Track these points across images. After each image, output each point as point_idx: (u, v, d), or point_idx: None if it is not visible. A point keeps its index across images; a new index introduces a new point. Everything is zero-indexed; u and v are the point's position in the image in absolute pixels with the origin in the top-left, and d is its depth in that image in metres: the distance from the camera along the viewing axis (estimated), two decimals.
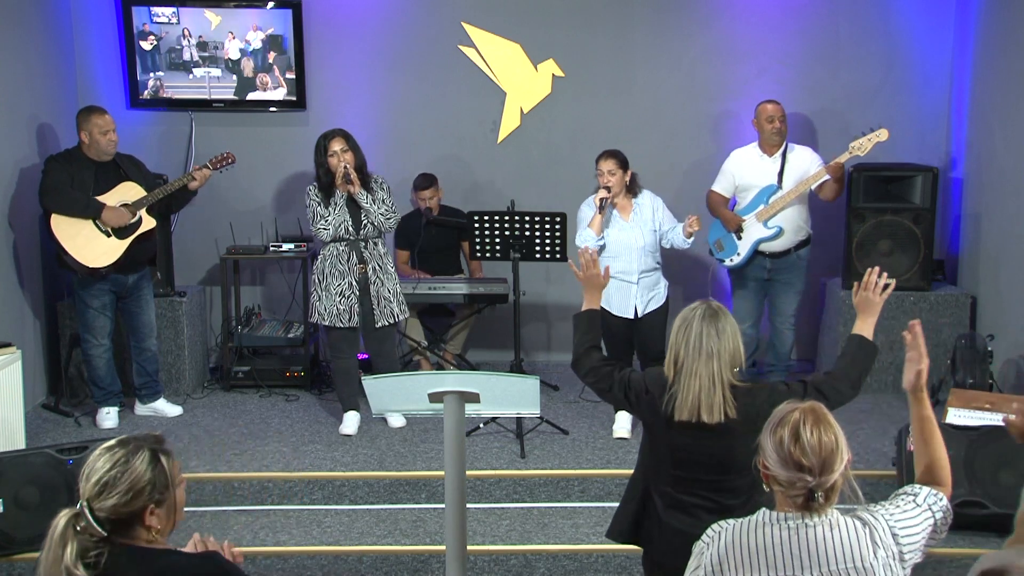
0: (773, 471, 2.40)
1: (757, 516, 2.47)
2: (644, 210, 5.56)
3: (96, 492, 2.29)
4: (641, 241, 5.51)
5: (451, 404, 3.35)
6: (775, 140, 6.02)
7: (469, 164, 6.97)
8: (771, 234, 5.99)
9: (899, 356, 6.22)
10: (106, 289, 5.73)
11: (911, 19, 6.76)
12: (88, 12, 6.74)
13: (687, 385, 3.13)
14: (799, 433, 2.36)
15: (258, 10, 6.71)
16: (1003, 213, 6.08)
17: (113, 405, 5.87)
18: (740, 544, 2.43)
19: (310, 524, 4.89)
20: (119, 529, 2.32)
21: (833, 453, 2.36)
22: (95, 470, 2.31)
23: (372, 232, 5.62)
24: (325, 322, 5.64)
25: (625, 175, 5.52)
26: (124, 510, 2.31)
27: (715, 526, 2.52)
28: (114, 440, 2.39)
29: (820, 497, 2.37)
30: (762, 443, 2.44)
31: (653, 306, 5.55)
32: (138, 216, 5.65)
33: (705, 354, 3.12)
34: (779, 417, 2.43)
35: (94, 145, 5.61)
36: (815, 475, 2.35)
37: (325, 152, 5.55)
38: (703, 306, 3.18)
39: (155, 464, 2.35)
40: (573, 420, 5.89)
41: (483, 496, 5.09)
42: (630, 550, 4.64)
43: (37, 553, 2.32)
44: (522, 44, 6.85)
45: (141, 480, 2.32)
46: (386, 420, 5.81)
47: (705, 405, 3.10)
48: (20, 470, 4.49)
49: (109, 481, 2.30)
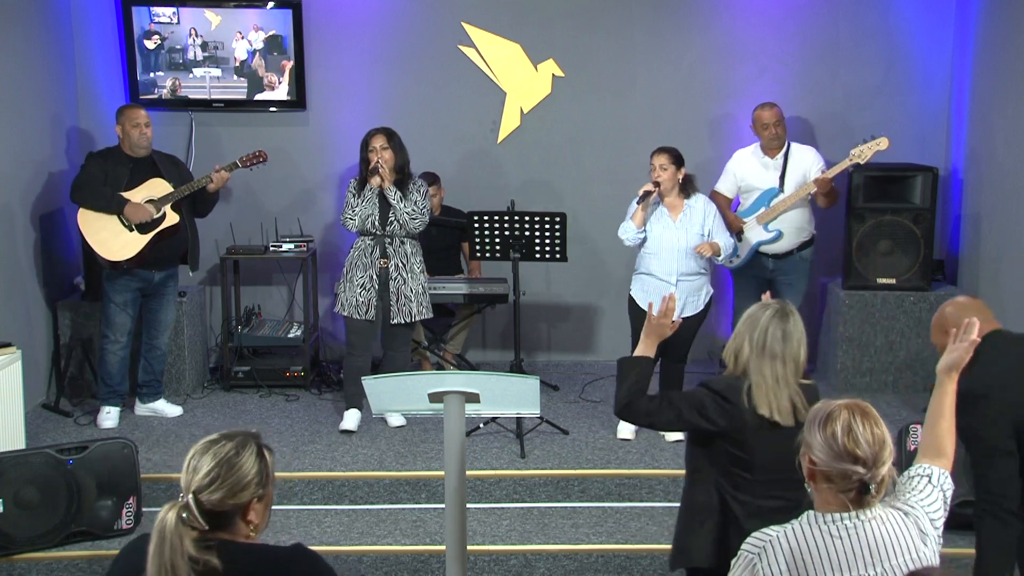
0: (823, 466, 2.40)
1: (806, 520, 2.45)
2: (695, 213, 5.46)
3: (206, 484, 2.29)
4: (684, 243, 5.41)
5: (451, 404, 3.35)
6: (774, 145, 6.04)
7: (469, 164, 6.97)
8: (771, 237, 5.99)
9: (898, 356, 6.27)
10: (131, 286, 5.76)
11: (911, 19, 6.76)
12: (88, 12, 6.74)
13: (756, 383, 3.14)
14: (852, 427, 2.38)
15: (258, 10, 6.71)
16: (1003, 213, 6.08)
17: (115, 405, 5.87)
18: (802, 552, 2.40)
19: (310, 524, 4.89)
20: (220, 523, 2.31)
21: (884, 445, 2.39)
22: (203, 462, 2.31)
23: (399, 230, 5.64)
24: (344, 312, 5.68)
25: (678, 172, 5.44)
26: (230, 503, 2.30)
27: (759, 534, 2.48)
28: (216, 434, 2.39)
29: (873, 489, 2.39)
30: (807, 440, 2.44)
31: (689, 311, 5.44)
32: (162, 212, 5.68)
33: (769, 355, 3.13)
34: (825, 413, 2.43)
35: (126, 139, 5.70)
36: (868, 467, 2.37)
37: (367, 147, 5.65)
38: (775, 306, 3.19)
39: (261, 459, 2.37)
40: (573, 420, 5.89)
41: (483, 496, 5.09)
42: (630, 550, 4.65)
43: (37, 553, 2.32)
44: (522, 44, 6.85)
45: (249, 474, 2.32)
46: (386, 420, 5.81)
47: (775, 406, 3.11)
48: (20, 470, 4.50)
49: (219, 474, 2.30)
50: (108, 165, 5.71)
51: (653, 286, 5.46)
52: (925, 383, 6.21)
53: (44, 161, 6.33)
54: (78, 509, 4.59)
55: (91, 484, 4.62)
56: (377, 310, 5.66)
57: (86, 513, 4.62)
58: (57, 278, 6.41)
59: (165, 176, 5.76)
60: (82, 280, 6.31)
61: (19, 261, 6.03)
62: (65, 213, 6.42)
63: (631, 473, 5.17)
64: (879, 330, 6.34)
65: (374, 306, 5.65)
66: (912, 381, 6.27)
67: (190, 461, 2.34)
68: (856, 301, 6.33)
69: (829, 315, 6.57)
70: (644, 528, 4.82)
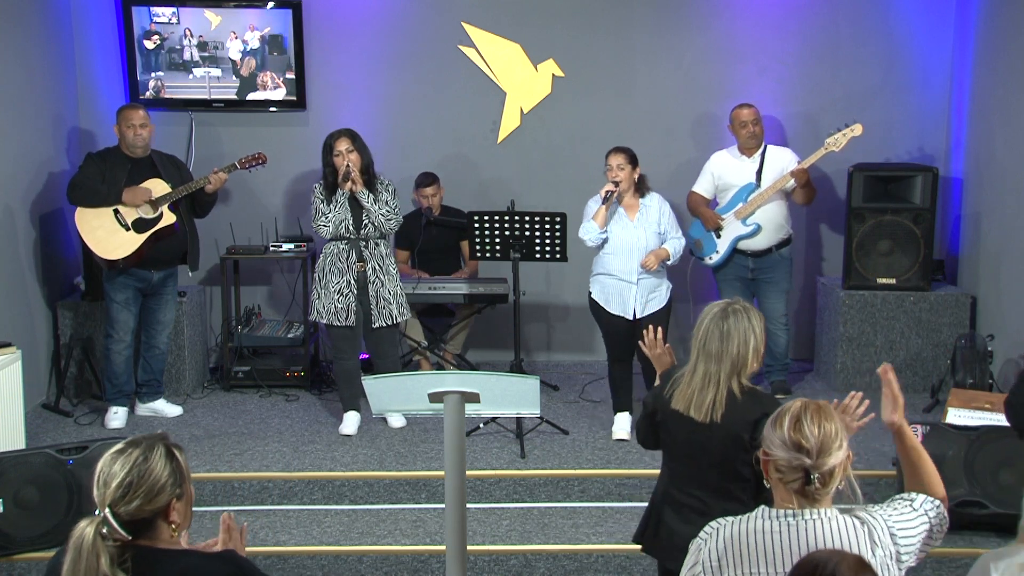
0: (773, 455, 2.46)
1: (755, 512, 2.50)
2: (651, 211, 5.54)
3: (120, 495, 2.27)
4: (643, 242, 5.49)
5: (451, 404, 3.35)
6: (751, 144, 6.09)
7: (469, 164, 6.96)
8: (749, 231, 6.03)
9: (898, 356, 6.27)
10: (130, 284, 5.76)
11: (911, 19, 6.76)
12: (88, 12, 6.74)
13: (684, 376, 3.25)
14: (800, 419, 2.45)
15: (258, 10, 6.71)
16: (1003, 213, 6.08)
17: (122, 405, 5.87)
18: (738, 540, 2.46)
19: (310, 524, 4.89)
20: (141, 530, 2.30)
21: (831, 438, 2.42)
22: (113, 474, 2.29)
23: (373, 232, 5.62)
24: (323, 320, 5.66)
25: (634, 172, 5.50)
26: (148, 509, 2.29)
27: (712, 523, 2.55)
28: (121, 443, 2.37)
29: (816, 481, 2.41)
30: (766, 434, 2.50)
31: (652, 308, 5.52)
32: (159, 211, 5.68)
33: (704, 352, 3.19)
34: (783, 409, 2.51)
35: (124, 139, 5.71)
36: (812, 457, 2.40)
37: (331, 151, 5.59)
38: (722, 304, 3.24)
39: (171, 459, 2.35)
40: (573, 420, 5.89)
41: (483, 496, 5.09)
42: (630, 550, 4.65)
43: (37, 553, 2.32)
44: (522, 44, 6.85)
45: (162, 477, 2.31)
46: (386, 420, 5.81)
47: (696, 403, 3.20)
48: (20, 470, 4.49)
49: (132, 482, 2.28)
50: (106, 165, 5.71)
51: (613, 286, 5.52)
52: (925, 383, 6.22)
53: (44, 161, 6.33)
54: (78, 509, 4.57)
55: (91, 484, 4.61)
56: (357, 315, 5.63)
57: (86, 513, 4.58)
58: (57, 278, 6.41)
59: (164, 176, 5.76)
60: (82, 280, 6.31)
61: (19, 261, 6.03)
62: (65, 213, 6.42)
63: (631, 473, 5.17)
64: (879, 330, 6.34)
65: (354, 311, 5.62)
66: (912, 381, 6.27)
67: (99, 475, 2.31)
68: (856, 301, 6.33)
69: (828, 315, 6.57)
70: None
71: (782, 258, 6.15)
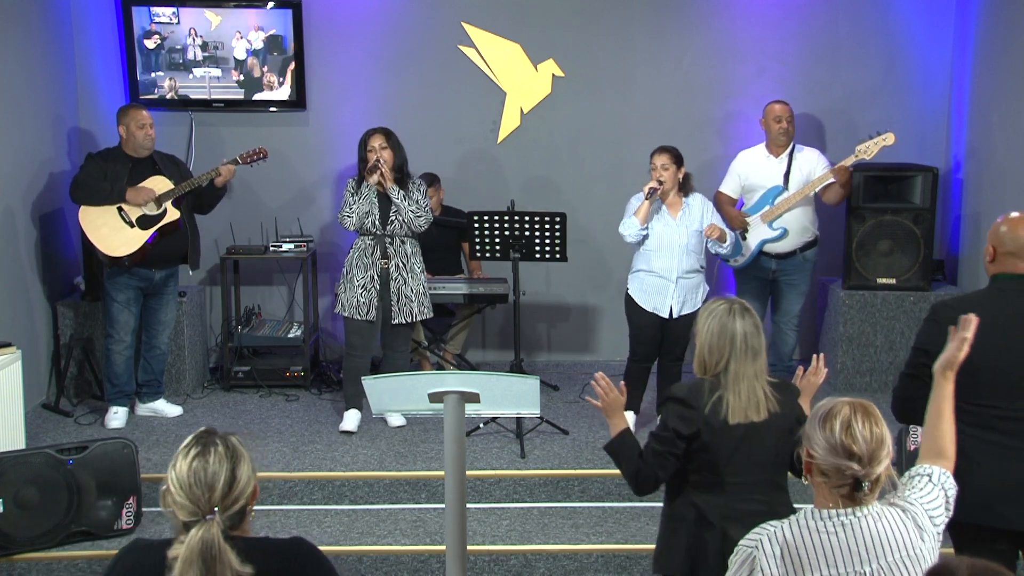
0: (819, 460, 2.42)
1: (803, 515, 2.47)
2: (693, 210, 5.52)
3: (225, 493, 2.26)
4: (685, 240, 5.47)
5: (451, 404, 3.35)
6: (782, 140, 6.02)
7: (469, 164, 6.97)
8: (776, 235, 5.99)
9: (898, 357, 6.27)
10: (132, 284, 5.75)
11: (911, 19, 6.76)
12: (88, 12, 6.74)
13: (732, 388, 3.16)
14: (851, 424, 2.41)
15: (258, 10, 6.71)
16: (1003, 213, 6.05)
17: (123, 405, 5.87)
18: (797, 546, 2.43)
19: (310, 524, 4.89)
20: (237, 523, 2.31)
21: (882, 444, 2.41)
22: (211, 475, 2.26)
23: (400, 229, 5.64)
24: (345, 312, 5.68)
25: (678, 171, 5.50)
26: (243, 500, 2.30)
27: (758, 529, 2.51)
28: (192, 442, 2.32)
29: (866, 487, 2.41)
30: (808, 433, 2.47)
31: (688, 309, 5.49)
32: (163, 208, 5.68)
33: (742, 355, 3.17)
34: (827, 409, 2.46)
35: (131, 139, 5.68)
36: (864, 465, 2.39)
37: (365, 147, 5.64)
38: (729, 303, 3.22)
39: (243, 447, 2.35)
40: (573, 420, 5.89)
41: (483, 496, 5.09)
42: (630, 550, 4.65)
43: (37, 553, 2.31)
44: (522, 44, 6.85)
45: (247, 468, 2.31)
46: (386, 420, 5.81)
47: (752, 405, 3.15)
48: (20, 470, 4.50)
49: (233, 479, 2.28)
50: (108, 165, 5.71)
51: (652, 284, 5.49)
52: None
53: (44, 161, 6.33)
54: (78, 509, 4.59)
55: (91, 484, 4.62)
56: (378, 310, 5.66)
57: (86, 513, 4.62)
58: (57, 278, 6.41)
59: (165, 174, 5.76)
60: (82, 280, 6.31)
61: (20, 261, 6.03)
62: (66, 213, 6.42)
63: None
64: (879, 330, 6.34)
65: (375, 306, 5.65)
66: None
67: (193, 479, 2.25)
68: (856, 301, 6.33)
69: (829, 315, 6.57)
70: (644, 528, 4.82)
71: (805, 260, 6.12)
